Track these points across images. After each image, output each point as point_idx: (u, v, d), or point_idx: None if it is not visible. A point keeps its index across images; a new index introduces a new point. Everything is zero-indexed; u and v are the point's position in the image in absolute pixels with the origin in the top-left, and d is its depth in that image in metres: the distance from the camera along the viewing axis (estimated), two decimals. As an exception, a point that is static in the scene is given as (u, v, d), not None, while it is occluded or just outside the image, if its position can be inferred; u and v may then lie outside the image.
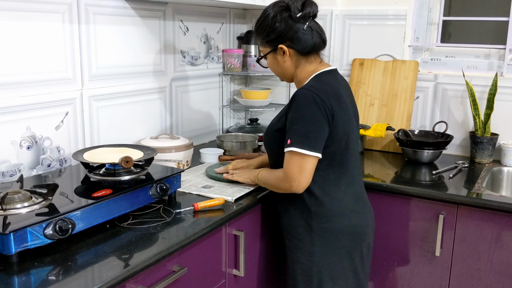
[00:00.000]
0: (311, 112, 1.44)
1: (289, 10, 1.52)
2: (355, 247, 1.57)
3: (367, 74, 2.50)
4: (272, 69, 1.66)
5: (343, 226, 1.55)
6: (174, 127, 2.35)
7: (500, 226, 1.76)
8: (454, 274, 1.87)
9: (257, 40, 1.64)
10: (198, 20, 2.41)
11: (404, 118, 2.40)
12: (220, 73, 2.62)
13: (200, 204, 1.55)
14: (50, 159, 1.77)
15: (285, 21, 1.52)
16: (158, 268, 1.30)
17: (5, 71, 1.58)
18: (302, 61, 1.57)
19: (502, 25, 2.35)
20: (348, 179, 1.56)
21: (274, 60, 1.61)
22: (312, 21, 1.55)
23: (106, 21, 1.90)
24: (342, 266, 1.56)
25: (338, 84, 1.55)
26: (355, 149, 1.59)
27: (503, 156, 2.20)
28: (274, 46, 1.57)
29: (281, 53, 1.57)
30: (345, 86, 1.61)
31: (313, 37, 1.54)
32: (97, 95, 1.91)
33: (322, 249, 1.55)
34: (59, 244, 1.27)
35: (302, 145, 1.44)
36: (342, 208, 1.55)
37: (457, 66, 2.41)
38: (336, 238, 1.55)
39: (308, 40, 1.54)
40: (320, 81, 1.52)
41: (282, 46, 1.55)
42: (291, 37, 1.53)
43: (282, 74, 1.64)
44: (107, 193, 1.39)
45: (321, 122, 1.45)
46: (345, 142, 1.52)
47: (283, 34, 1.53)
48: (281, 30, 1.53)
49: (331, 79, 1.54)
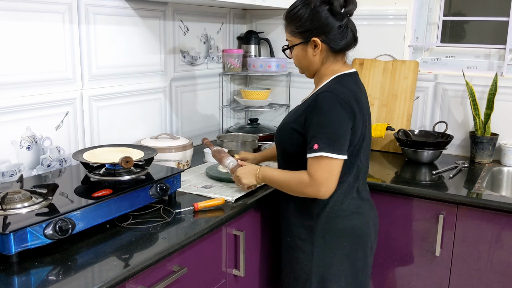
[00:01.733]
0: (337, 115, 1.42)
1: (331, 4, 1.47)
2: (356, 248, 1.56)
3: (367, 74, 2.50)
4: (298, 61, 1.59)
5: (343, 228, 1.54)
6: (174, 127, 2.35)
7: (500, 226, 1.76)
8: (454, 274, 1.87)
9: (289, 28, 1.56)
10: (198, 20, 2.41)
11: (404, 118, 2.40)
12: (220, 73, 2.62)
13: (200, 204, 1.55)
14: (50, 159, 1.77)
15: (325, 15, 1.47)
16: (158, 268, 1.30)
17: (5, 71, 1.58)
18: (330, 58, 1.53)
19: (502, 25, 2.35)
20: (352, 181, 1.54)
21: (303, 52, 1.55)
22: (351, 19, 1.52)
23: (106, 21, 1.90)
24: (342, 267, 1.55)
25: (357, 88, 1.53)
26: (365, 153, 1.57)
27: (503, 156, 2.20)
28: (307, 37, 1.51)
29: (312, 46, 1.52)
30: (364, 90, 1.59)
31: (347, 35, 1.51)
32: (97, 95, 1.91)
33: (323, 250, 1.54)
34: (59, 244, 1.27)
35: (332, 150, 1.41)
36: (343, 210, 1.54)
37: (457, 66, 2.41)
38: (337, 239, 1.54)
39: (343, 37, 1.50)
40: (341, 84, 1.50)
41: (316, 39, 1.49)
42: (328, 32, 1.48)
43: (307, 67, 1.58)
44: (107, 193, 1.39)
45: (347, 124, 1.44)
46: (358, 146, 1.51)
47: (320, 28, 1.48)
48: (317, 23, 1.48)
49: (351, 83, 1.52)
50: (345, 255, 1.55)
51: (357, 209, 1.56)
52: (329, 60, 1.54)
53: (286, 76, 2.74)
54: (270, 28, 2.73)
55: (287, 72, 2.60)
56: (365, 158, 1.58)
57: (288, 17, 1.55)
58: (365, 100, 1.56)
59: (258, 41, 2.69)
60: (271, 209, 1.78)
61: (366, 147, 1.57)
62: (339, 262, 1.55)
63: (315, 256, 1.55)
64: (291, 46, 1.57)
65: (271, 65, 2.50)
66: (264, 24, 2.74)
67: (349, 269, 1.56)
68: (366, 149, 1.57)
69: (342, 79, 1.52)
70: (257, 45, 2.69)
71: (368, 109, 1.59)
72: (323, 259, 1.55)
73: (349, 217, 1.54)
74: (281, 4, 2.36)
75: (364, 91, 1.60)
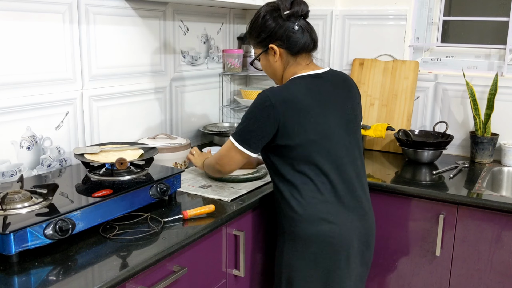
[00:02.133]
0: (255, 113, 1.48)
1: (278, 10, 1.52)
2: (325, 257, 1.50)
3: (367, 74, 2.50)
4: (265, 71, 1.66)
5: (310, 233, 1.50)
6: (174, 127, 2.35)
7: (500, 226, 1.76)
8: (454, 274, 1.86)
9: (251, 42, 1.64)
10: (198, 20, 2.41)
11: (404, 118, 2.40)
12: (220, 73, 2.62)
13: (190, 212, 1.49)
14: (50, 159, 1.77)
15: (275, 20, 1.52)
16: (158, 268, 1.30)
17: (5, 71, 1.58)
18: (291, 61, 1.57)
19: (502, 25, 2.35)
20: (321, 186, 1.49)
21: (266, 61, 1.61)
22: (303, 21, 1.54)
23: (106, 21, 1.90)
24: (310, 272, 1.52)
25: (306, 90, 1.49)
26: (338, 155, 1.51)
27: (503, 156, 2.20)
28: (265, 46, 1.57)
29: (272, 53, 1.57)
30: (332, 88, 1.55)
31: (303, 36, 1.53)
32: (97, 95, 1.91)
33: (291, 252, 1.54)
34: (59, 244, 1.27)
35: (238, 139, 1.52)
36: (308, 215, 1.49)
37: (457, 66, 2.41)
38: (303, 243, 1.51)
39: (298, 39, 1.53)
40: (286, 86, 1.51)
41: (272, 45, 1.55)
42: (281, 36, 1.53)
43: (274, 75, 1.64)
44: (107, 193, 1.39)
45: (262, 125, 1.47)
46: (312, 148, 1.47)
47: (273, 33, 1.53)
48: (271, 29, 1.53)
49: (299, 86, 1.50)
50: (312, 260, 1.51)
51: (331, 216, 1.49)
52: (290, 63, 1.57)
53: (286, 76, 2.74)
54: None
55: (287, 72, 2.60)
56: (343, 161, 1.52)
57: (248, 32, 1.63)
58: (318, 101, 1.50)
59: (258, 41, 2.69)
60: (271, 209, 1.78)
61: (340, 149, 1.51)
62: (305, 265, 1.52)
63: (285, 256, 1.56)
64: (255, 58, 1.65)
65: (271, 65, 2.50)
66: (264, 24, 2.73)
67: (317, 275, 1.52)
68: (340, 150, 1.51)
69: (291, 82, 1.54)
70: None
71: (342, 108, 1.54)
72: (290, 260, 1.55)
73: (317, 222, 1.49)
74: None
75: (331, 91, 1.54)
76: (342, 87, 1.60)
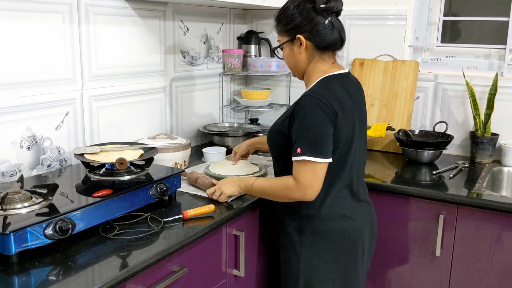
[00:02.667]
0: (318, 118, 1.42)
1: (313, 2, 1.48)
2: (345, 252, 1.54)
3: (367, 74, 2.50)
4: (287, 61, 1.61)
5: (332, 230, 1.53)
6: (174, 127, 2.35)
7: (500, 226, 1.76)
8: (454, 274, 1.86)
9: (277, 28, 1.59)
10: (198, 20, 2.41)
11: (404, 118, 2.40)
12: (220, 73, 2.62)
13: (190, 212, 1.49)
14: (50, 159, 1.77)
15: (307, 12, 1.48)
16: (158, 268, 1.30)
17: (5, 71, 1.58)
18: (316, 56, 1.53)
19: (502, 25, 2.35)
20: (342, 185, 1.53)
21: (290, 51, 1.56)
22: (334, 17, 1.51)
23: (106, 21, 1.90)
24: (329, 269, 1.54)
25: (343, 90, 1.51)
26: (357, 155, 1.55)
27: (503, 156, 2.20)
28: (292, 36, 1.52)
29: (298, 44, 1.53)
30: (355, 90, 1.57)
31: (332, 33, 1.50)
32: (97, 95, 1.91)
33: (310, 251, 1.54)
34: (59, 244, 1.27)
35: (314, 153, 1.41)
36: (331, 213, 1.52)
37: (457, 66, 2.41)
38: (324, 241, 1.53)
39: (327, 35, 1.49)
40: (324, 87, 1.49)
41: (300, 36, 1.50)
42: (311, 29, 1.49)
43: (295, 67, 1.59)
44: (107, 193, 1.39)
45: (328, 126, 1.43)
46: (346, 149, 1.50)
47: (303, 25, 1.49)
48: (301, 20, 1.49)
49: (337, 86, 1.51)
50: (333, 257, 1.54)
51: (349, 212, 1.55)
52: (315, 58, 1.53)
53: (286, 76, 2.74)
54: (270, 28, 2.72)
55: (287, 72, 2.60)
56: (359, 160, 1.57)
57: (276, 18, 1.58)
58: (354, 98, 1.54)
59: (259, 41, 2.69)
60: (271, 209, 1.78)
61: (358, 149, 1.55)
62: (325, 264, 1.54)
63: (303, 257, 1.55)
64: (279, 46, 1.59)
65: (271, 65, 2.50)
66: (265, 24, 2.73)
67: (336, 272, 1.55)
68: (359, 151, 1.55)
69: (327, 81, 1.51)
70: (258, 45, 2.69)
71: (360, 110, 1.57)
72: (310, 261, 1.54)
73: (339, 219, 1.53)
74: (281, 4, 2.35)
75: (357, 89, 1.59)
76: (360, 89, 1.62)
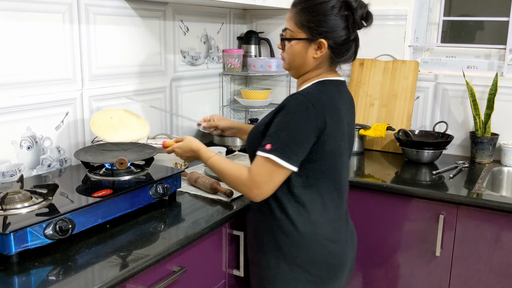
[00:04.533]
0: (302, 122, 1.27)
1: (352, 12, 1.32)
2: (326, 278, 1.40)
3: (367, 74, 2.50)
4: (291, 56, 1.41)
5: (315, 254, 1.37)
6: (174, 127, 2.35)
7: (500, 226, 1.76)
8: (454, 274, 1.86)
9: (297, 17, 1.36)
10: (198, 20, 2.41)
11: (404, 118, 2.40)
12: (220, 73, 2.62)
13: None
14: (50, 159, 1.77)
15: (342, 21, 1.32)
16: (158, 268, 1.30)
17: (5, 71, 1.58)
18: (326, 65, 1.39)
19: (502, 25, 2.35)
20: (329, 204, 1.39)
21: (303, 50, 1.37)
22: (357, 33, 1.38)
23: (106, 21, 1.90)
24: None
25: (339, 97, 1.38)
26: (342, 171, 1.41)
27: (503, 156, 2.20)
28: (314, 36, 1.34)
29: (315, 47, 1.35)
30: (348, 103, 1.44)
31: (352, 49, 1.38)
32: (97, 95, 1.91)
33: (288, 275, 1.38)
34: (59, 244, 1.27)
35: (282, 155, 1.26)
36: (315, 234, 1.36)
37: (457, 66, 2.41)
38: (306, 266, 1.37)
39: (348, 49, 1.37)
40: (319, 89, 1.35)
41: (324, 42, 1.33)
42: (337, 39, 1.33)
43: (299, 66, 1.41)
44: (107, 193, 1.39)
45: (308, 134, 1.28)
46: (333, 161, 1.36)
47: (332, 32, 1.32)
48: (333, 26, 1.32)
49: (333, 91, 1.37)
50: (313, 282, 1.38)
51: (333, 236, 1.39)
52: (324, 66, 1.39)
53: (286, 76, 2.74)
54: (270, 28, 2.73)
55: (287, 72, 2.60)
56: (344, 174, 1.44)
57: (301, 5, 1.35)
58: (346, 112, 1.40)
59: (258, 41, 2.69)
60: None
61: (344, 162, 1.42)
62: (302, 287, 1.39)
63: (278, 281, 1.39)
64: (293, 38, 1.38)
65: (271, 65, 2.50)
66: (264, 24, 2.74)
67: None
68: (344, 164, 1.43)
69: (322, 85, 1.37)
70: (257, 45, 2.69)
71: (350, 123, 1.44)
72: (285, 285, 1.38)
73: (322, 243, 1.38)
74: (281, 4, 2.36)
75: (350, 103, 1.46)
76: (352, 105, 1.49)
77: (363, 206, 1.99)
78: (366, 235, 1.99)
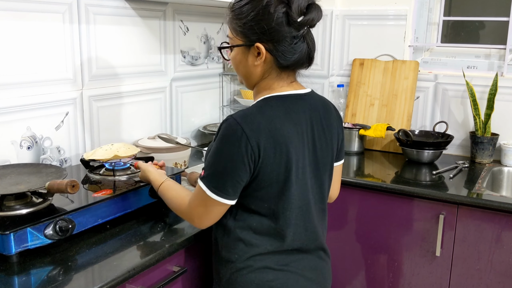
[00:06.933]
0: (233, 153, 1.13)
1: (289, 8, 1.15)
2: None
3: (367, 74, 2.50)
4: (235, 67, 1.28)
5: (250, 280, 1.21)
6: (174, 127, 2.35)
7: (500, 226, 1.76)
8: (454, 274, 1.86)
9: (231, 23, 1.23)
10: (198, 20, 2.41)
11: (404, 118, 2.40)
12: (220, 73, 2.62)
13: None
14: (50, 159, 1.77)
15: (278, 19, 1.15)
16: (158, 268, 1.30)
17: (5, 71, 1.58)
18: (273, 73, 1.22)
19: (502, 25, 2.35)
20: (272, 231, 1.22)
21: (243, 58, 1.24)
22: (308, 31, 1.20)
23: (106, 21, 1.90)
24: None
25: (287, 117, 1.19)
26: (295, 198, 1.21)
27: (503, 156, 2.20)
28: (249, 41, 1.20)
29: (254, 53, 1.20)
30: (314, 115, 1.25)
31: (301, 50, 1.19)
32: (97, 95, 1.91)
33: None
34: (59, 244, 1.27)
35: (212, 187, 1.16)
36: (251, 260, 1.22)
37: (457, 66, 2.41)
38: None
39: (294, 52, 1.18)
40: (259, 109, 1.19)
41: (260, 46, 1.18)
42: (277, 41, 1.17)
43: (245, 77, 1.28)
44: (107, 193, 1.39)
45: (237, 164, 1.13)
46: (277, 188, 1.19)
47: (269, 33, 1.16)
48: (268, 27, 1.15)
49: (278, 110, 1.19)
50: None
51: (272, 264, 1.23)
52: (271, 75, 1.22)
53: (286, 76, 2.73)
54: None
55: (287, 72, 2.60)
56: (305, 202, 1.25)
57: (232, 9, 1.22)
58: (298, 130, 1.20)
59: (258, 41, 2.69)
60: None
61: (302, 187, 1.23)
62: None
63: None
64: (230, 46, 1.26)
65: (271, 65, 2.49)
66: (264, 24, 2.73)
67: None
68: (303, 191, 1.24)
69: (267, 103, 1.20)
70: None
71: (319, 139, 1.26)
72: None
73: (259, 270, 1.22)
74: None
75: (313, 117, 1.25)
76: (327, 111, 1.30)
77: (363, 206, 1.99)
78: (366, 235, 2.00)
